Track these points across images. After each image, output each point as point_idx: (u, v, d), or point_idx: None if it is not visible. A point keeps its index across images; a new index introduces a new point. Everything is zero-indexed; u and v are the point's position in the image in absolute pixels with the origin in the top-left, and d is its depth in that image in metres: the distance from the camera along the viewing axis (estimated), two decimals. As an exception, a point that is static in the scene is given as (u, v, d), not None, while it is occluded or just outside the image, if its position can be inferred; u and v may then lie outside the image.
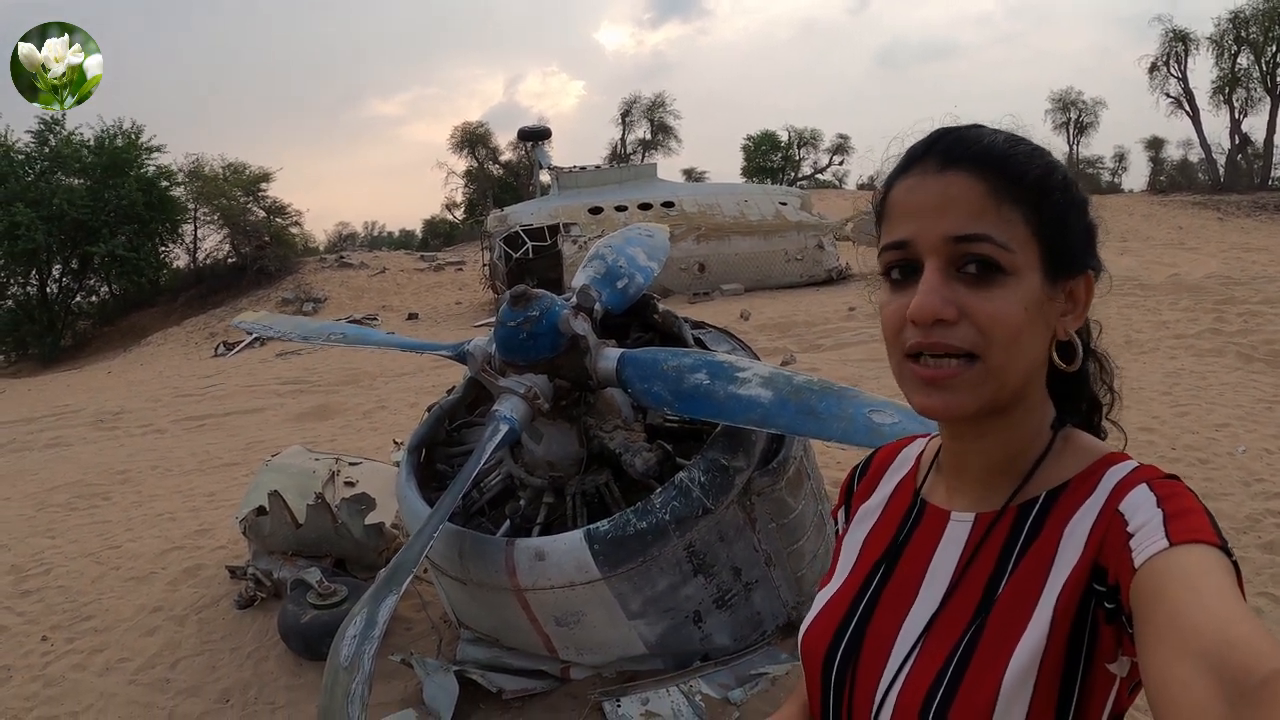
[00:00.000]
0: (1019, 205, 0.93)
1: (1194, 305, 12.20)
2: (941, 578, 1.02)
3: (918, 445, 1.22)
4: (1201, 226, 27.45)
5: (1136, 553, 0.83)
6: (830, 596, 1.13)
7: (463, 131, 43.59)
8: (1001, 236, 0.92)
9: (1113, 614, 0.86)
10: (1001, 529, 1.00)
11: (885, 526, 1.15)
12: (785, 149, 47.23)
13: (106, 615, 5.09)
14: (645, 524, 3.04)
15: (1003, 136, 0.98)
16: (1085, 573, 0.90)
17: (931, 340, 0.93)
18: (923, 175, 0.97)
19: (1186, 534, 0.81)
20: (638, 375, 3.18)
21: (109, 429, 12.14)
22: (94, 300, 30.75)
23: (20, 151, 28.10)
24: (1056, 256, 0.96)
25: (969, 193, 0.93)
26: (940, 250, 0.93)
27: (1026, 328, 0.93)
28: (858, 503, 1.23)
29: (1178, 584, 0.76)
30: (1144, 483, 0.91)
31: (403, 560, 2.80)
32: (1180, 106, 39.08)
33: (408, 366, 14.14)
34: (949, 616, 0.99)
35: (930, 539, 1.07)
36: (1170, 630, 0.73)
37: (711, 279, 21.29)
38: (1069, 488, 0.98)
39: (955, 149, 0.96)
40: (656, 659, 3.36)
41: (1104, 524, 0.91)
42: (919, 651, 0.99)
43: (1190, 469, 5.86)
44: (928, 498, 1.11)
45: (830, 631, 1.09)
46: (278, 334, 4.63)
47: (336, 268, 29.37)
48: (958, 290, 0.92)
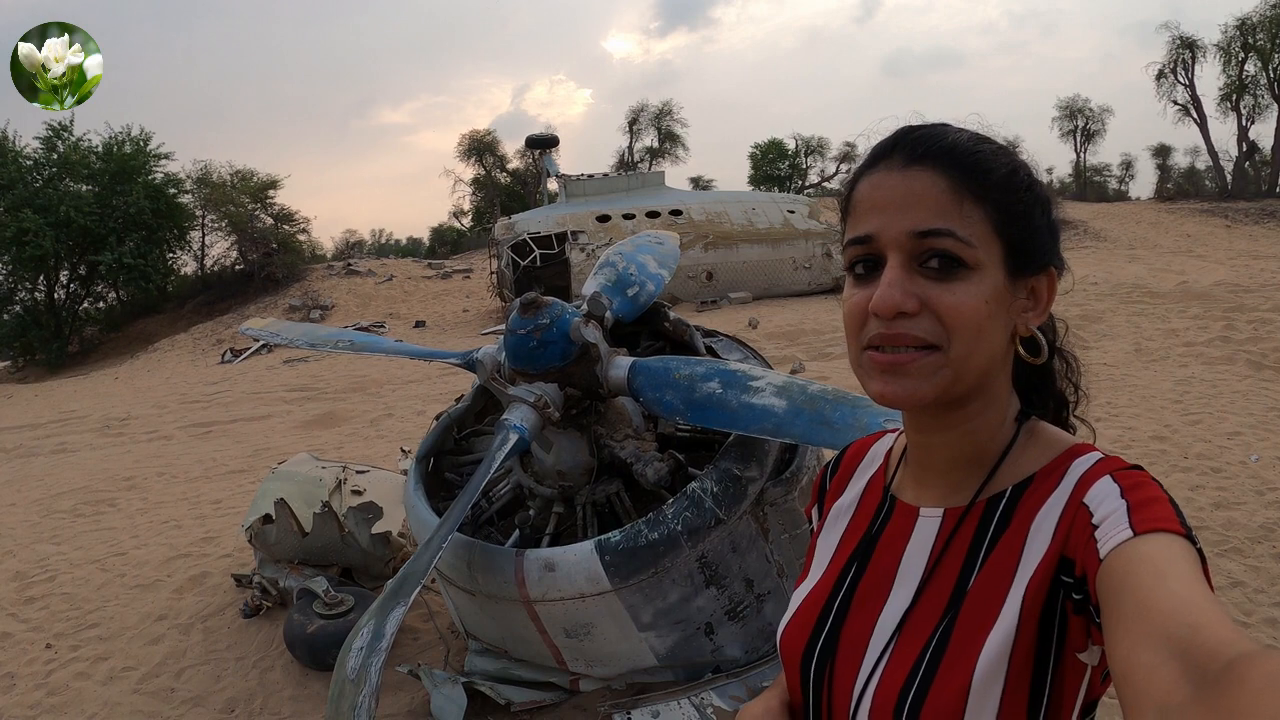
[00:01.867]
0: (982, 202, 0.95)
1: (1203, 313, 12.15)
2: (913, 574, 1.04)
3: (887, 441, 1.24)
4: (1209, 234, 27.40)
5: (1102, 543, 0.84)
6: (805, 595, 1.15)
7: (470, 139, 43.65)
8: (964, 232, 0.94)
9: (1081, 605, 0.87)
10: (970, 524, 1.01)
11: (857, 524, 1.16)
12: (792, 157, 47.15)
13: (111, 623, 5.06)
14: (657, 535, 3.01)
15: (968, 135, 1.00)
16: (1052, 565, 0.91)
17: (894, 332, 0.95)
18: (887, 172, 0.99)
19: (1150, 523, 0.82)
20: (649, 384, 3.14)
21: (115, 435, 12.13)
22: (101, 306, 30.80)
23: (28, 158, 28.18)
24: (1019, 254, 0.98)
25: (932, 189, 0.95)
26: (903, 245, 0.95)
27: (987, 321, 0.95)
28: (830, 500, 1.25)
29: (1142, 572, 0.77)
30: (1108, 474, 0.92)
31: (411, 571, 2.76)
32: (1187, 114, 38.98)
33: (415, 374, 14.13)
34: (921, 612, 1.00)
35: (900, 536, 1.08)
36: (1135, 617, 0.74)
37: (719, 287, 21.29)
38: (1035, 480, 0.99)
39: (920, 146, 0.98)
40: (667, 671, 3.32)
41: (1069, 516, 0.92)
42: (893, 648, 1.00)
43: (1203, 478, 5.82)
44: (897, 494, 1.13)
45: (807, 630, 1.10)
46: (285, 341, 4.59)
47: (344, 275, 29.42)
48: (920, 284, 0.94)
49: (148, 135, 29.89)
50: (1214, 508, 5.28)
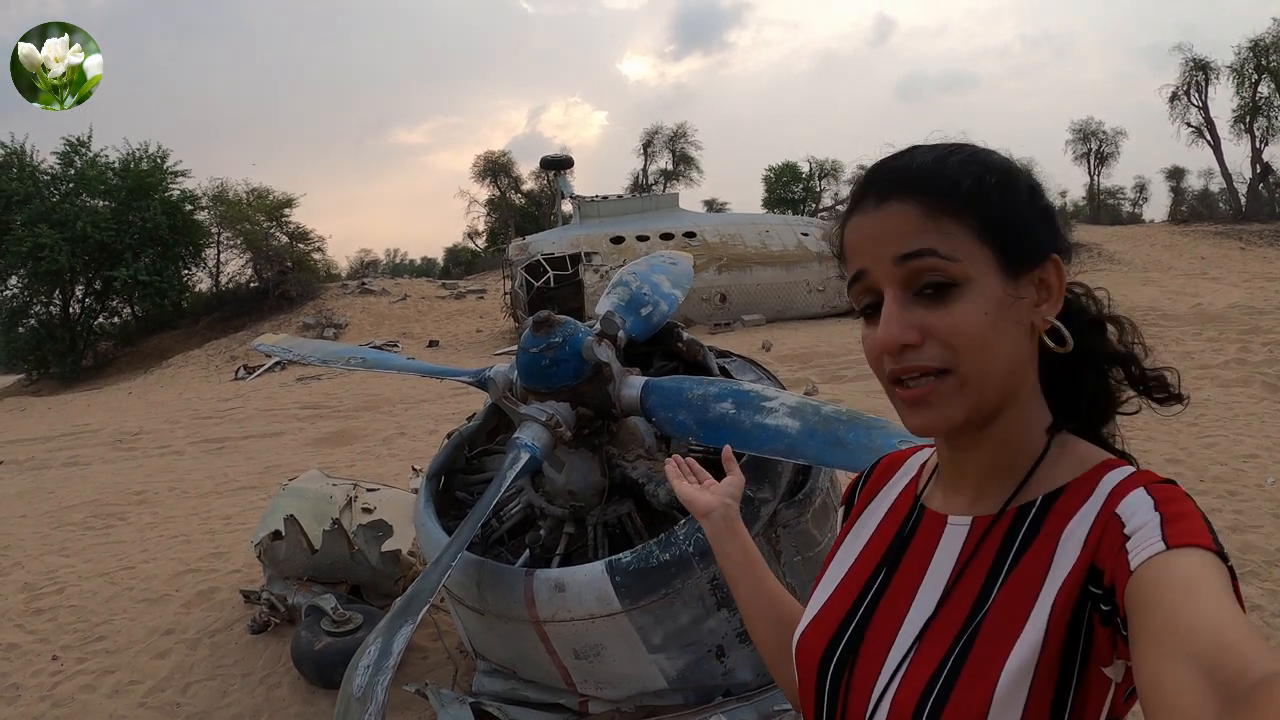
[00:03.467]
0: (957, 216, 0.95)
1: (1218, 335, 12.09)
2: (938, 581, 1.03)
3: (922, 455, 1.23)
4: (1224, 256, 27.23)
5: (1133, 555, 0.83)
6: (826, 599, 1.13)
7: (485, 160, 43.85)
8: (945, 249, 0.94)
9: (1108, 616, 0.86)
10: (999, 531, 1.00)
11: (885, 532, 1.15)
12: (806, 180, 47.17)
13: (118, 636, 5.06)
14: (668, 556, 2.98)
15: (933, 154, 0.99)
16: (1082, 574, 0.90)
17: (904, 365, 0.95)
18: (864, 213, 1.00)
19: (1183, 537, 0.81)
20: (662, 404, 3.12)
21: (127, 449, 12.16)
22: (116, 321, 30.98)
23: (46, 173, 28.39)
24: (1012, 253, 0.96)
25: (905, 218, 0.95)
26: (893, 275, 0.96)
27: (990, 332, 0.94)
28: (860, 507, 1.23)
29: (1173, 587, 0.76)
30: (1142, 486, 0.91)
31: (419, 590, 2.74)
32: (1201, 136, 38.71)
33: (428, 393, 14.14)
34: (945, 619, 0.99)
35: (929, 543, 1.07)
36: (1165, 633, 0.73)
37: (733, 309, 21.29)
38: (1067, 490, 0.98)
39: (885, 181, 0.99)
40: (677, 694, 3.28)
41: (1101, 525, 0.90)
42: (914, 654, 0.98)
43: (1219, 501, 5.76)
44: (926, 503, 1.12)
45: (828, 634, 1.09)
46: (297, 357, 4.58)
47: (358, 294, 29.54)
48: (917, 312, 0.94)
49: (165, 152, 30.17)
50: (1231, 531, 5.22)
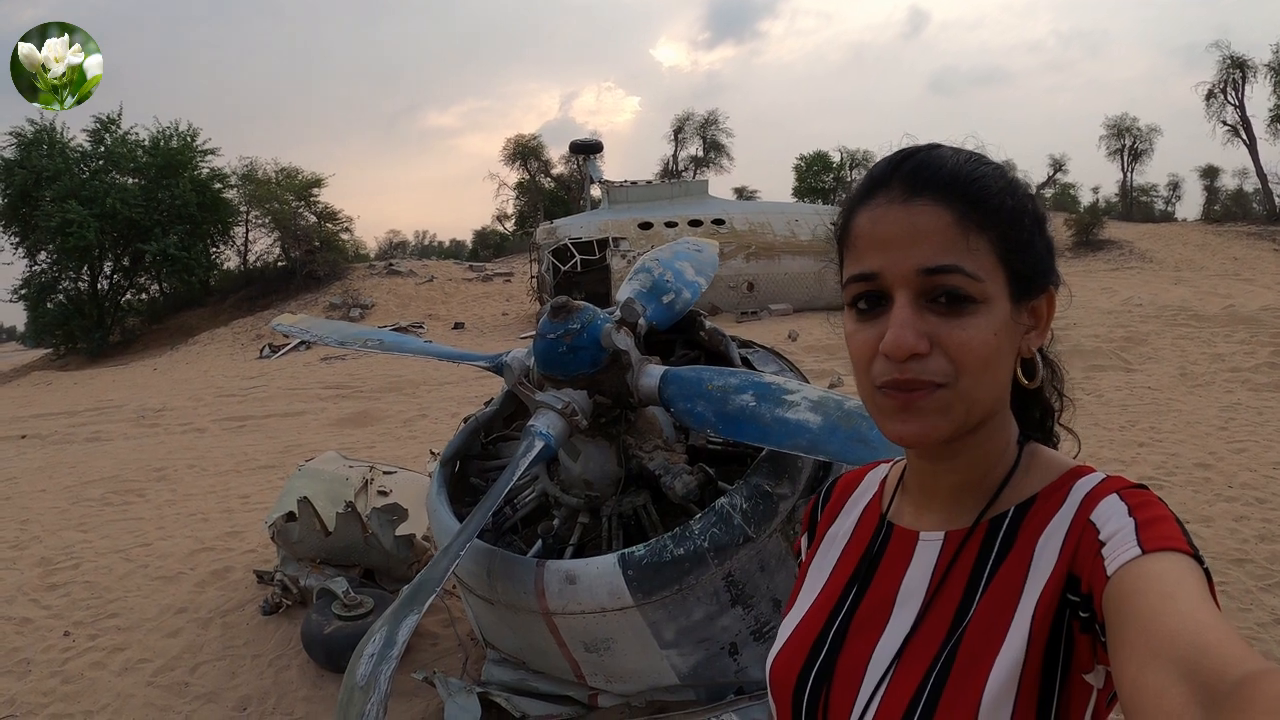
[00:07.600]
0: (985, 232, 0.93)
1: (1250, 338, 11.90)
2: (914, 598, 1.01)
3: (880, 471, 1.22)
4: (1257, 257, 26.82)
5: (1109, 560, 0.83)
6: (797, 624, 1.11)
7: (516, 144, 43.80)
8: (971, 266, 0.91)
9: (1087, 623, 0.86)
10: (973, 545, 0.99)
11: (852, 552, 1.13)
12: (837, 170, 46.81)
13: (131, 614, 5.06)
14: (683, 551, 2.91)
15: (965, 158, 0.97)
16: (1060, 583, 0.90)
17: (906, 376, 0.92)
18: (888, 204, 0.95)
19: (1158, 541, 0.82)
20: (681, 394, 3.05)
21: (150, 425, 12.23)
22: (144, 298, 31.24)
23: (75, 150, 28.59)
24: (1022, 279, 0.96)
25: (937, 222, 0.92)
26: (911, 283, 0.92)
27: (995, 354, 0.93)
28: (822, 530, 1.22)
29: (1150, 592, 0.77)
30: (1114, 492, 0.91)
31: (426, 578, 2.69)
32: (1236, 134, 38.07)
33: (451, 376, 14.14)
34: (924, 636, 0.98)
35: (900, 560, 1.06)
36: (1143, 637, 0.73)
37: (760, 298, 21.16)
38: (1037, 500, 0.98)
39: (920, 175, 0.94)
40: (689, 690, 3.22)
41: (1076, 533, 0.91)
42: (894, 674, 0.97)
43: (1248, 509, 5.64)
44: (894, 520, 1.10)
45: (800, 660, 1.07)
46: (315, 338, 4.53)
47: (385, 275, 29.63)
48: (929, 321, 0.92)
49: (195, 130, 30.33)
50: (1259, 540, 5.10)
